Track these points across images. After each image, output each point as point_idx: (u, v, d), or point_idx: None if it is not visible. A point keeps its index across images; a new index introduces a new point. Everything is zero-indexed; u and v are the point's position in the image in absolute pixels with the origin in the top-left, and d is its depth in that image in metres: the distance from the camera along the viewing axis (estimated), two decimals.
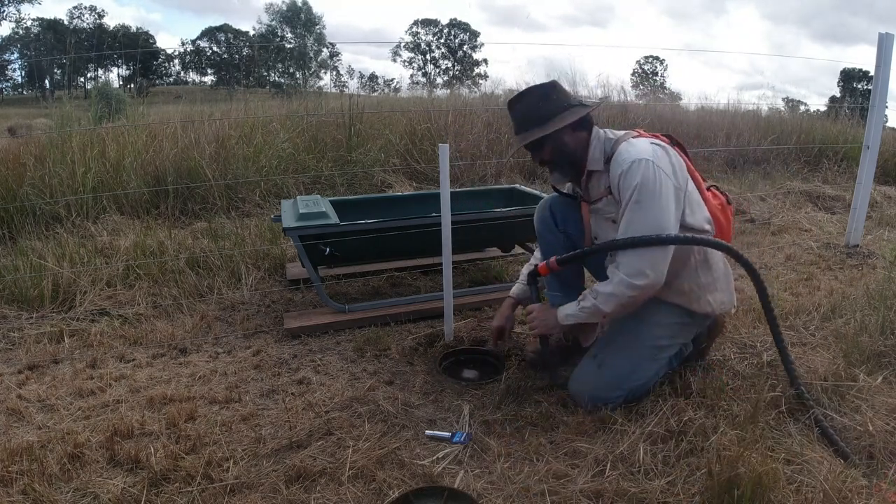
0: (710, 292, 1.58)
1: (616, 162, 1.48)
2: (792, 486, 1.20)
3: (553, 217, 1.75)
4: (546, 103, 1.55)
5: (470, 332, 2.11)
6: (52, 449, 1.42)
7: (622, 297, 1.46)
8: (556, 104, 1.55)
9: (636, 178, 1.42)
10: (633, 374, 1.55)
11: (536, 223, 1.81)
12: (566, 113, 1.54)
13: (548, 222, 1.76)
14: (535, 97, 1.57)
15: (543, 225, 1.78)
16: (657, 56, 49.07)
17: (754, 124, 6.02)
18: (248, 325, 2.24)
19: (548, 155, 1.58)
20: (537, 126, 1.54)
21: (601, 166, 1.55)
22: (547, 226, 1.77)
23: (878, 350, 1.74)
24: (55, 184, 3.48)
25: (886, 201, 4.44)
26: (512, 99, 1.61)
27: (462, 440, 1.45)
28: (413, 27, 56.16)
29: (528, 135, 1.55)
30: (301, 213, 2.19)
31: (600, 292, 1.49)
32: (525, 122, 1.57)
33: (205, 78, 51.06)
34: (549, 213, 1.76)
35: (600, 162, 1.55)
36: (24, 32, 41.74)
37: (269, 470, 1.35)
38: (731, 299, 1.66)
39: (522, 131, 1.57)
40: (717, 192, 1.70)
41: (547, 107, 1.55)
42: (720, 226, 1.62)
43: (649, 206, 1.42)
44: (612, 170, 1.49)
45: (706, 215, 1.56)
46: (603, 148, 1.55)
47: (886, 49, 3.00)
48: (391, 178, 4.42)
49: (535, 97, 1.56)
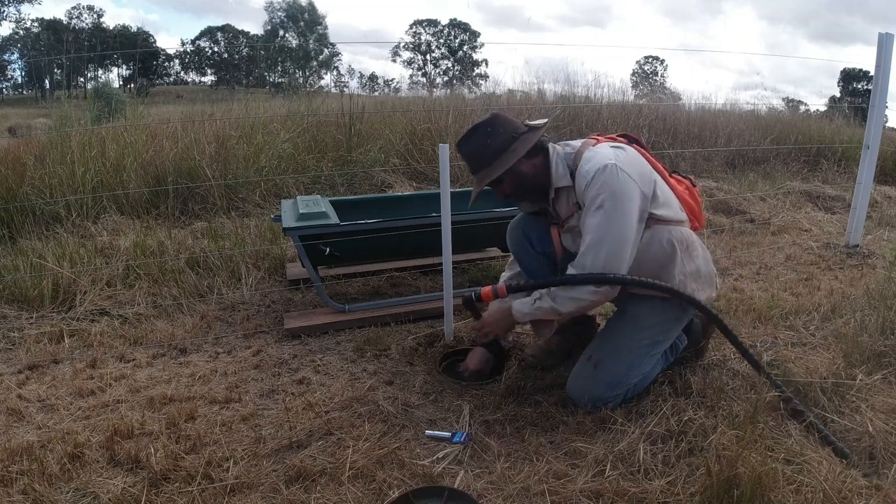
0: (696, 279, 1.57)
1: (580, 173, 1.47)
2: (791, 486, 1.20)
3: (528, 240, 1.74)
4: (493, 140, 1.53)
5: (470, 332, 2.11)
6: (52, 449, 1.42)
7: (583, 301, 1.47)
8: (504, 138, 1.53)
9: (600, 184, 1.42)
10: (630, 371, 1.55)
11: (511, 246, 1.80)
12: (515, 144, 1.53)
13: (524, 246, 1.75)
14: (480, 136, 1.54)
15: (520, 249, 1.77)
16: (657, 56, 49.10)
17: (753, 124, 6.02)
18: (248, 325, 2.24)
19: (509, 188, 1.57)
20: (489, 166, 1.53)
21: (568, 181, 1.53)
22: (524, 249, 1.76)
23: (877, 350, 1.74)
24: (55, 184, 3.48)
25: (886, 201, 4.44)
26: (459, 141, 1.59)
27: (462, 440, 1.45)
28: (413, 27, 56.23)
29: (485, 175, 1.53)
30: (301, 213, 2.19)
31: (558, 294, 1.49)
32: (478, 164, 1.55)
33: (204, 78, 51.10)
34: (524, 236, 1.75)
35: (566, 177, 1.53)
36: (24, 32, 41.76)
37: (269, 470, 1.35)
38: (712, 283, 1.63)
39: (478, 172, 1.56)
40: (679, 177, 1.72)
41: (495, 143, 1.53)
42: (691, 209, 1.64)
43: (613, 213, 1.41)
44: (578, 182, 1.48)
45: (678, 203, 1.58)
46: (564, 163, 1.54)
47: (886, 49, 3.00)
48: (391, 178, 4.42)
49: (480, 136, 1.54)
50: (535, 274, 1.76)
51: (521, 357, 1.87)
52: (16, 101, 32.76)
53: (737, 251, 3.14)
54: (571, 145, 1.58)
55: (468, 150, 1.57)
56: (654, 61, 49.42)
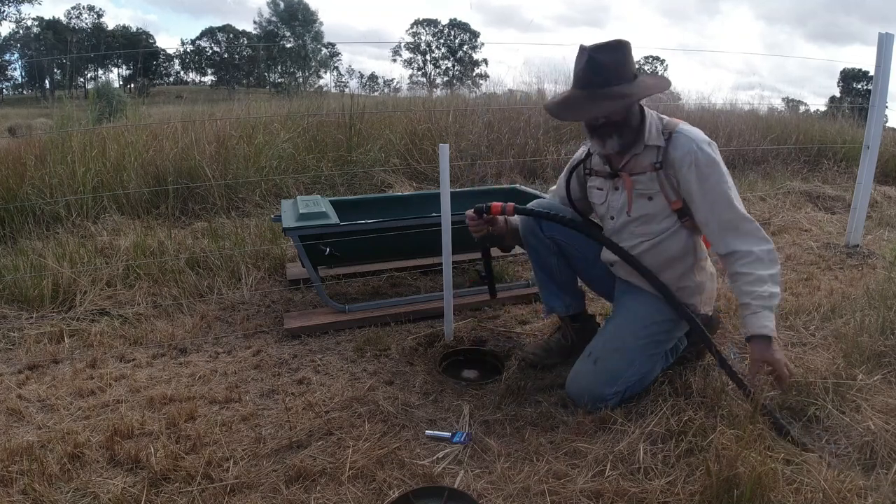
0: (701, 292, 1.63)
1: (685, 138, 1.48)
2: (791, 486, 1.20)
3: (538, 223, 1.74)
4: (630, 65, 1.47)
5: (470, 332, 2.11)
6: (52, 449, 1.42)
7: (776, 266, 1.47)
8: (635, 70, 1.49)
9: (712, 156, 1.46)
10: (629, 369, 1.55)
11: (521, 229, 1.79)
12: (645, 79, 1.48)
13: (533, 229, 1.75)
14: (623, 54, 1.45)
15: (529, 232, 1.76)
16: (657, 56, 49.09)
17: (753, 124, 6.01)
18: (248, 325, 2.24)
19: (620, 117, 1.48)
20: (621, 83, 1.44)
21: (662, 142, 1.51)
22: (532, 232, 1.76)
23: (877, 350, 1.74)
24: (55, 183, 3.48)
25: (886, 201, 4.43)
26: (596, 46, 1.44)
27: (462, 440, 1.45)
28: (413, 27, 56.21)
29: (621, 91, 1.43)
30: (301, 213, 2.19)
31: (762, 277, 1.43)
32: (612, 77, 1.44)
33: (204, 78, 51.12)
34: (535, 220, 1.75)
35: (659, 138, 1.51)
36: (25, 32, 41.76)
37: (269, 470, 1.35)
38: (711, 303, 1.70)
39: (606, 86, 1.44)
40: None
41: (631, 68, 1.47)
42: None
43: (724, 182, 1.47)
44: (680, 146, 1.47)
45: None
46: (658, 125, 1.53)
47: (886, 49, 2.99)
48: (391, 178, 4.42)
49: (624, 54, 1.46)
50: (541, 258, 1.77)
51: (521, 357, 1.87)
52: (16, 101, 32.76)
53: None
54: (662, 115, 1.57)
55: (607, 60, 1.43)
56: (654, 61, 49.41)
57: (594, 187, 1.68)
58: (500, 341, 2.05)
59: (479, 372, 1.88)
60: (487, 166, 4.62)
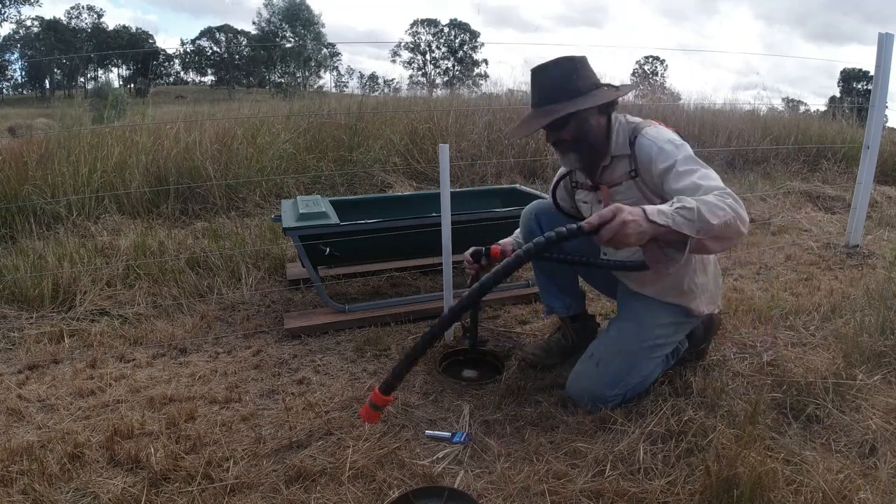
0: (703, 293, 1.61)
1: (647, 141, 1.42)
2: (791, 486, 1.20)
3: (539, 226, 1.74)
4: (577, 79, 1.44)
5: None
6: (52, 449, 1.42)
7: (727, 211, 1.20)
8: (588, 82, 1.45)
9: (679, 151, 1.38)
10: (630, 372, 1.55)
11: (521, 230, 1.79)
12: (597, 92, 1.45)
13: (534, 231, 1.75)
14: (566, 69, 1.44)
15: (530, 234, 1.76)
16: (657, 56, 49.13)
17: (753, 124, 6.02)
18: (248, 325, 2.24)
19: (569, 134, 1.46)
20: (567, 100, 1.42)
21: (627, 150, 1.48)
22: (534, 235, 1.74)
23: (877, 350, 1.74)
24: (57, 183, 3.48)
25: (886, 201, 4.43)
26: (539, 66, 1.46)
27: (462, 440, 1.45)
28: (413, 27, 56.22)
29: (557, 108, 1.42)
30: (301, 213, 2.19)
31: (701, 199, 1.21)
32: (553, 95, 1.44)
33: (204, 78, 51.14)
34: (535, 223, 1.75)
35: (625, 146, 1.48)
36: (25, 32, 41.76)
37: (269, 470, 1.35)
38: (717, 301, 1.69)
39: (547, 104, 1.44)
40: None
41: (578, 82, 1.44)
42: None
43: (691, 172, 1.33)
44: (643, 150, 1.42)
45: None
46: (626, 133, 1.49)
47: (886, 49, 2.99)
48: (391, 178, 4.42)
49: (567, 69, 1.44)
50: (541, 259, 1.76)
51: (521, 357, 1.87)
52: (16, 101, 32.77)
53: (736, 251, 3.13)
54: (633, 119, 1.54)
55: (548, 78, 1.45)
56: (654, 61, 49.47)
57: (581, 200, 1.68)
58: (500, 341, 2.05)
59: (478, 372, 1.87)
60: (487, 166, 4.62)
